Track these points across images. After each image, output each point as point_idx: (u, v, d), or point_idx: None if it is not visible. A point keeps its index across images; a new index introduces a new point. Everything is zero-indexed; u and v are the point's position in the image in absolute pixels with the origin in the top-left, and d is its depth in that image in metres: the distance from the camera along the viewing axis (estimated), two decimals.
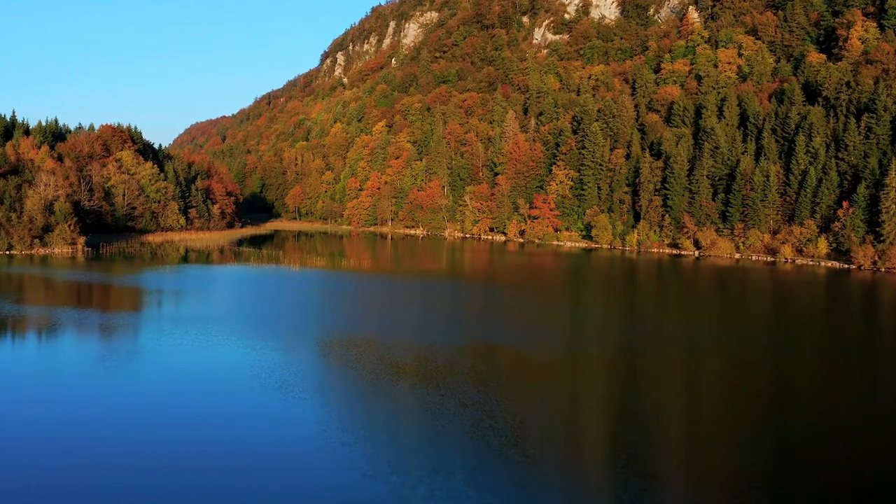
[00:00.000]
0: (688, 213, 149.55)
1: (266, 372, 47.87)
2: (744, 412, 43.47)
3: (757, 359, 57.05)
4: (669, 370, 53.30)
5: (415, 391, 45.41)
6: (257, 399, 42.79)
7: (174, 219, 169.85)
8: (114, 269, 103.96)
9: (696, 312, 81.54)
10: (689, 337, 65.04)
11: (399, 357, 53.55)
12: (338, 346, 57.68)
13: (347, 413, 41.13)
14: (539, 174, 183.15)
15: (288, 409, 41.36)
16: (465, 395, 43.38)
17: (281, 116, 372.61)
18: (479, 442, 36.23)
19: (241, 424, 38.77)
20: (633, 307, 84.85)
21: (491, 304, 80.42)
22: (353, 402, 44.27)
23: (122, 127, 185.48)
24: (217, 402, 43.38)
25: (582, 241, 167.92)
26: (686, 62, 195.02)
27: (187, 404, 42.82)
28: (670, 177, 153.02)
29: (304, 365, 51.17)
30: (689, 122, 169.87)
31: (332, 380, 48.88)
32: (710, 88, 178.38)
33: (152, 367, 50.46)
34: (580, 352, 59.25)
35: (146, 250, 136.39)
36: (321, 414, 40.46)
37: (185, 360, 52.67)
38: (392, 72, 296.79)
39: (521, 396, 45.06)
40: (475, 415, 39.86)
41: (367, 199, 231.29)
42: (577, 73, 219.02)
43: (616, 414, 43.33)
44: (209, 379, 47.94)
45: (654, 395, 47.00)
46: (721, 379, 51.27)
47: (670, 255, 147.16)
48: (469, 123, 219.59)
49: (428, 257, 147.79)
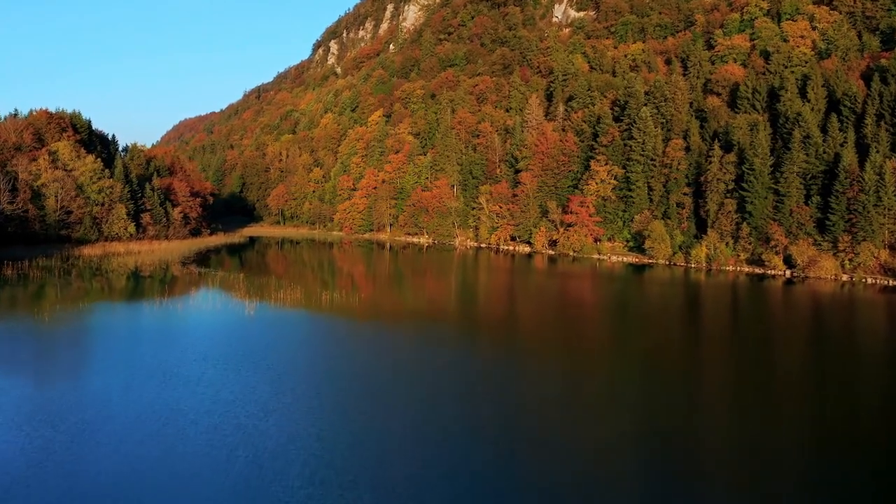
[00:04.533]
0: (775, 221, 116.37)
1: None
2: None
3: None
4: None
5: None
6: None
7: (121, 226, 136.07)
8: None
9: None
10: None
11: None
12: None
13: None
14: (572, 171, 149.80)
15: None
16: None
17: (269, 109, 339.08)
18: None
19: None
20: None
21: (537, 426, 46.64)
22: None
23: (63, 113, 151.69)
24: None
25: (629, 255, 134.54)
26: (745, 37, 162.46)
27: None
28: (749, 174, 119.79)
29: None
30: (762, 107, 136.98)
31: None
32: (780, 67, 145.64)
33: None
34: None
35: (68, 269, 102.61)
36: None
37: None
38: (390, 57, 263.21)
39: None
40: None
41: (361, 200, 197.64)
42: (610, 53, 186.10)
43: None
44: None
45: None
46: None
47: (751, 274, 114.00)
48: (482, 111, 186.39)
49: (433, 280, 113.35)
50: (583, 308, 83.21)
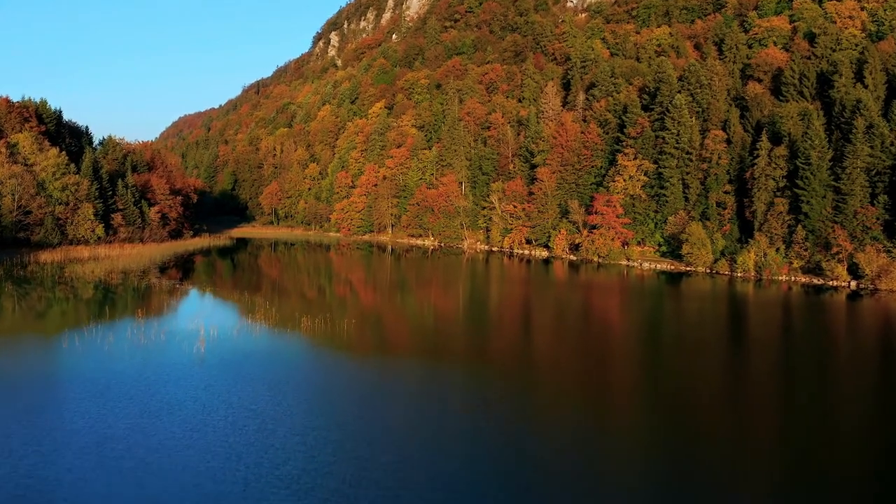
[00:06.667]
0: (836, 224, 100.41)
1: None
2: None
3: None
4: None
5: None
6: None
7: (87, 227, 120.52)
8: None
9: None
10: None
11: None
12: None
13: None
14: (595, 166, 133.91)
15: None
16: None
17: (266, 103, 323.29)
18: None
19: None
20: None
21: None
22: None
23: (27, 101, 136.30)
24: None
25: (663, 261, 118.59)
26: (784, 19, 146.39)
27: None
28: (804, 169, 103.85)
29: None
30: (810, 95, 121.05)
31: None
32: (828, 50, 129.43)
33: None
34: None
35: (13, 280, 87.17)
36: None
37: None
38: (393, 46, 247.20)
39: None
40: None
41: (360, 198, 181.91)
42: (632, 39, 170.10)
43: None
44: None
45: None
46: None
47: (808, 285, 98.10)
48: (492, 101, 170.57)
49: (437, 295, 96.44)
50: (612, 335, 66.94)
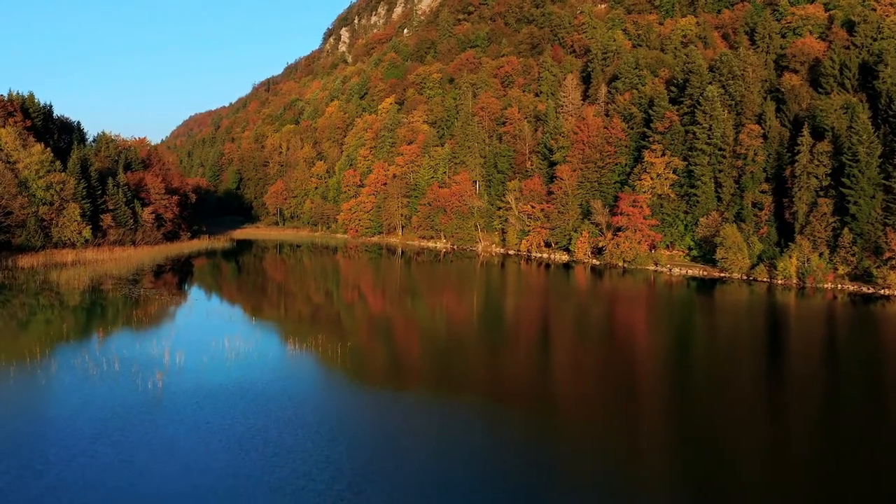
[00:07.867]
0: (888, 227, 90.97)
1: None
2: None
3: None
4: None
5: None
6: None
7: (74, 229, 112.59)
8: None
9: None
10: None
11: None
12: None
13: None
14: (620, 163, 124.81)
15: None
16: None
17: (274, 100, 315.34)
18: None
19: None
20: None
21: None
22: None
23: (13, 95, 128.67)
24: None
25: (694, 266, 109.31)
26: (819, 6, 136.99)
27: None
28: (851, 167, 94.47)
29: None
30: (852, 86, 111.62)
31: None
32: (869, 40, 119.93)
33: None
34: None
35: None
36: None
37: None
38: (404, 40, 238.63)
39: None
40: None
41: (368, 198, 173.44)
42: (656, 29, 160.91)
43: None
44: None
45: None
46: None
47: (855, 293, 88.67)
48: (508, 96, 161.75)
49: (449, 306, 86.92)
50: (639, 360, 57.72)
